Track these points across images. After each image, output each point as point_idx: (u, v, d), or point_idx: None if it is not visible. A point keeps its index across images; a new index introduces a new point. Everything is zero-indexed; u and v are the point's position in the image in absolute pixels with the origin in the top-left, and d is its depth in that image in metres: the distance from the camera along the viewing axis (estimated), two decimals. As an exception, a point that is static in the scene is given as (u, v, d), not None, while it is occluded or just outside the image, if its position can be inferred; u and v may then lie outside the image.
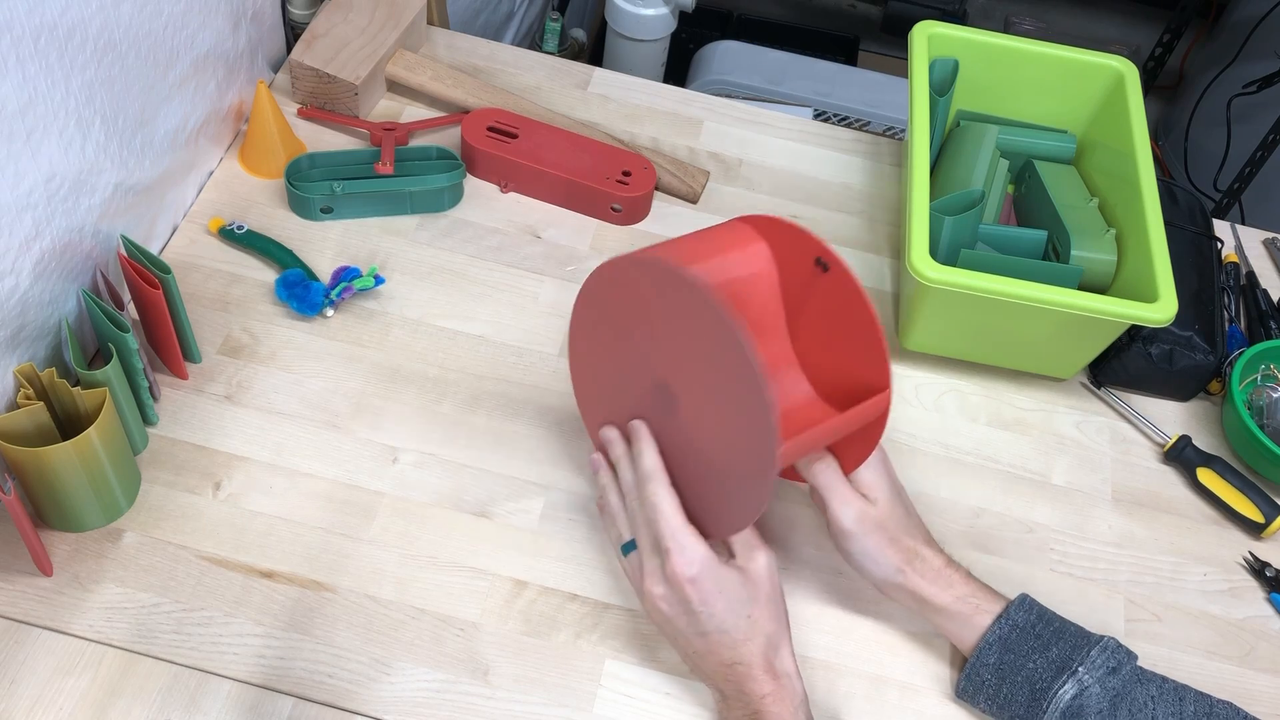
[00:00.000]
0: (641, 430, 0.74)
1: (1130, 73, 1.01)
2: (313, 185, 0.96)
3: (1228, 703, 0.72)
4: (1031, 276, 0.86)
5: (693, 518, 0.71)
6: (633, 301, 0.71)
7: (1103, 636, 0.73)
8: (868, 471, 0.76)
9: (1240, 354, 0.94)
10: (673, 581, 0.70)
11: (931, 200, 0.91)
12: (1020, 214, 1.02)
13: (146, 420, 0.83)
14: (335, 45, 1.02)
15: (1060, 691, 0.71)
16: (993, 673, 0.74)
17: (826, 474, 0.75)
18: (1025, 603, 0.75)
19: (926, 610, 0.76)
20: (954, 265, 0.87)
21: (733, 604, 0.70)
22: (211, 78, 0.94)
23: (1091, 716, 0.70)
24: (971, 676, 0.75)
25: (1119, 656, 0.73)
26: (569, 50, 1.86)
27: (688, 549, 0.70)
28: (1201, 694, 0.72)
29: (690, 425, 0.70)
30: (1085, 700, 0.71)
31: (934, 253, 0.87)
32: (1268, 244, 1.09)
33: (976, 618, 0.75)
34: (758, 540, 0.72)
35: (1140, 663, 0.73)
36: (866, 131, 1.19)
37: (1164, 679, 0.73)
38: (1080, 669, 0.71)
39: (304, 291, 0.90)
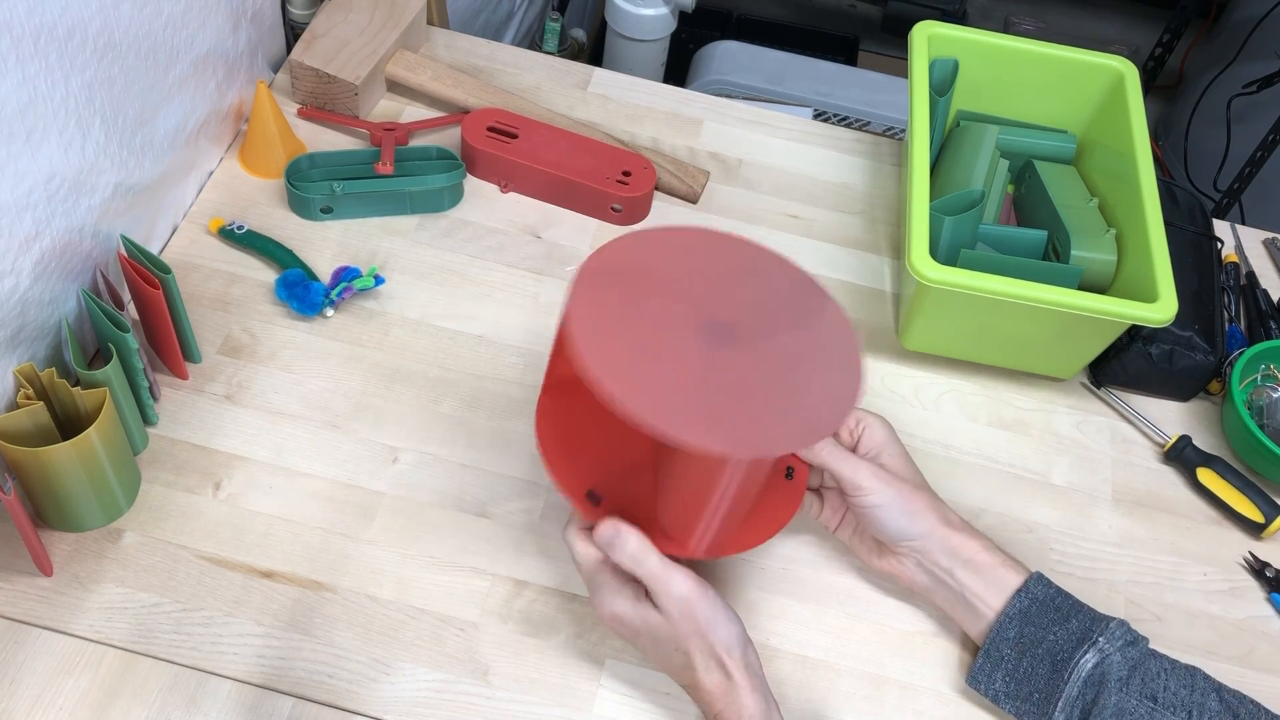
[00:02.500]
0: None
1: (1130, 73, 1.01)
2: (313, 185, 0.96)
3: (1235, 690, 0.73)
4: (1031, 276, 0.86)
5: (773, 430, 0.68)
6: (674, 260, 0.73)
7: (1114, 617, 0.75)
8: (876, 433, 0.78)
9: (1240, 354, 0.94)
10: (601, 617, 0.73)
11: (931, 200, 0.91)
12: (1020, 214, 1.02)
13: (146, 420, 0.83)
14: (335, 45, 1.02)
15: (1082, 660, 0.72)
16: (1013, 647, 0.74)
17: (827, 447, 0.76)
18: (1042, 579, 0.76)
19: (953, 563, 0.76)
20: (954, 265, 0.87)
21: (656, 641, 0.71)
22: (211, 78, 0.94)
23: (1112, 683, 0.71)
24: (991, 653, 0.75)
25: (1134, 633, 0.74)
26: (569, 50, 1.86)
27: (603, 595, 0.71)
28: (1209, 676, 0.74)
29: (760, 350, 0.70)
30: (1106, 668, 0.72)
31: (934, 253, 0.87)
32: (1268, 244, 1.09)
33: (1001, 572, 0.75)
34: (664, 575, 0.69)
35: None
36: (866, 131, 1.19)
37: (1174, 660, 0.74)
38: (1101, 639, 0.73)
39: (304, 291, 0.90)
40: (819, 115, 1.74)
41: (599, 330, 0.67)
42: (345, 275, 0.92)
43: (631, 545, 0.69)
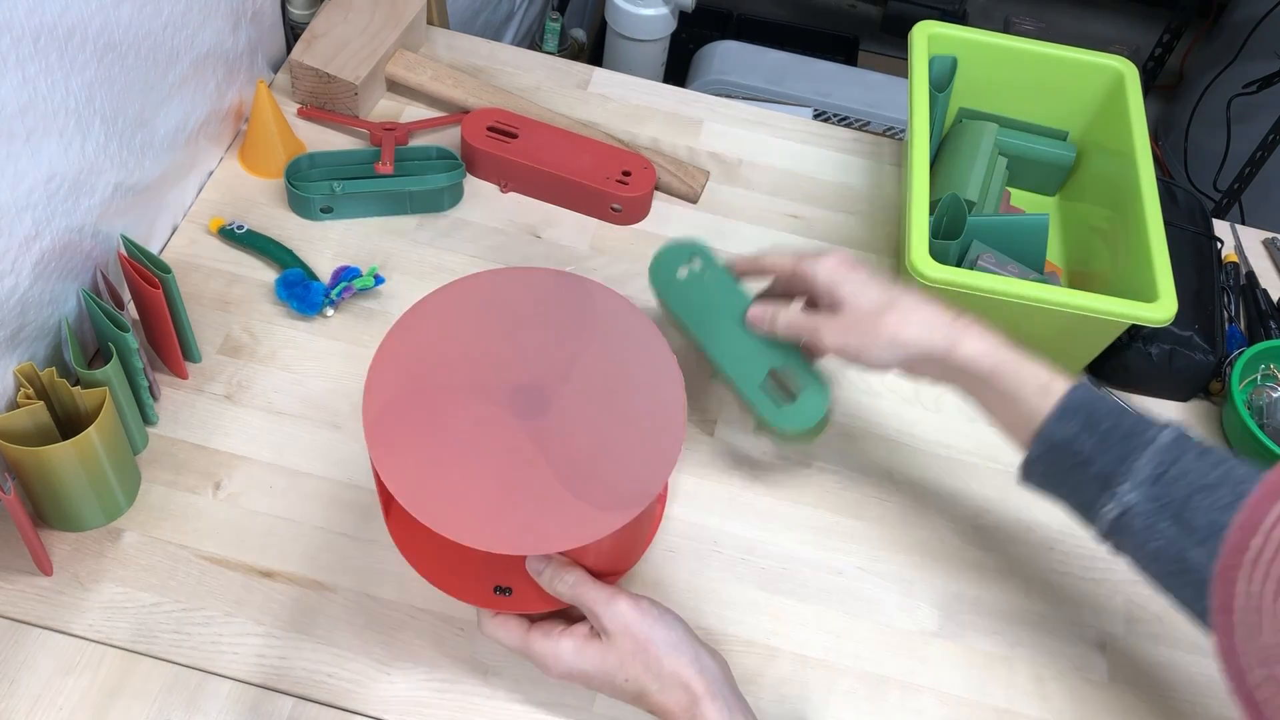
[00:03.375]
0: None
1: (1130, 73, 1.01)
2: (313, 185, 0.96)
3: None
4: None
5: (595, 501, 0.67)
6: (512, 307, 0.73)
7: (1161, 430, 0.66)
8: (823, 274, 0.76)
9: (1240, 354, 0.94)
10: (556, 677, 0.70)
11: (931, 199, 0.91)
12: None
13: (146, 420, 0.83)
14: (335, 45, 1.02)
15: (1104, 511, 0.67)
16: (1040, 482, 0.71)
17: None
18: (1064, 414, 0.69)
19: (959, 378, 0.73)
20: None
21: (608, 677, 0.68)
22: (211, 78, 0.94)
23: (1139, 528, 0.65)
24: (1024, 480, 0.72)
25: (1170, 455, 0.65)
26: (569, 50, 1.86)
27: (545, 658, 0.69)
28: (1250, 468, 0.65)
29: (580, 411, 0.69)
30: (1129, 520, 0.66)
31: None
32: (1268, 244, 1.09)
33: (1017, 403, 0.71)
34: (604, 595, 0.68)
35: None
36: (866, 131, 1.19)
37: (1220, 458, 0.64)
38: (1123, 486, 0.65)
39: (304, 291, 0.90)
40: (819, 115, 1.74)
41: (399, 438, 0.66)
42: (345, 275, 0.92)
43: (571, 574, 0.69)
